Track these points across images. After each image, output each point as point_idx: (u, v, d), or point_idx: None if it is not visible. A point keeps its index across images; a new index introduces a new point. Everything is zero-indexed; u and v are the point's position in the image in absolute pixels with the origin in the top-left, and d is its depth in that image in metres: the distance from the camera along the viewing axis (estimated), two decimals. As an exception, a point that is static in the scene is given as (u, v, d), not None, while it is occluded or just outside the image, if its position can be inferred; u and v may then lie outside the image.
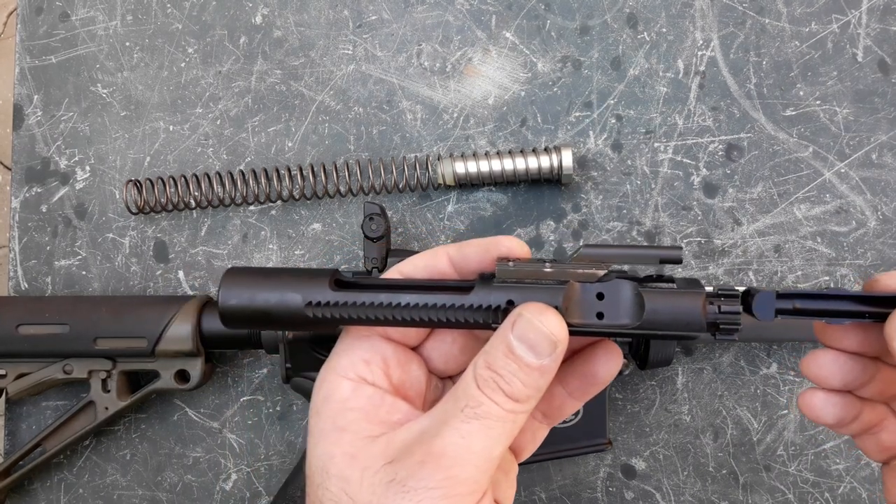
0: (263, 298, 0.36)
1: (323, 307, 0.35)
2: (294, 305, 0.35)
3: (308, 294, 0.35)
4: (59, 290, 0.68)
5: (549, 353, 0.33)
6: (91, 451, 0.67)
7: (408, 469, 0.32)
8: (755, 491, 0.64)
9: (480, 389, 0.33)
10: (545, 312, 0.33)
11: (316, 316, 0.35)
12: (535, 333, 0.32)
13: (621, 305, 0.34)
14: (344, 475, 0.33)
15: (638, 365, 0.59)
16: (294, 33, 0.69)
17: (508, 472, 0.40)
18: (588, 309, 0.34)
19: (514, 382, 0.33)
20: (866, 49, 0.65)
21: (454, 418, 0.33)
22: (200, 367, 0.61)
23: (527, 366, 0.32)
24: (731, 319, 0.34)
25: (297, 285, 0.36)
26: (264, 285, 0.36)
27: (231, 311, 0.36)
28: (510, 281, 0.35)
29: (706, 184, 0.65)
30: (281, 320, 0.36)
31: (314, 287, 0.35)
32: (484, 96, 0.67)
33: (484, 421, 0.32)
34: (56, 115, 0.69)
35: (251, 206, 0.67)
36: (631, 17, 0.67)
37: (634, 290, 0.34)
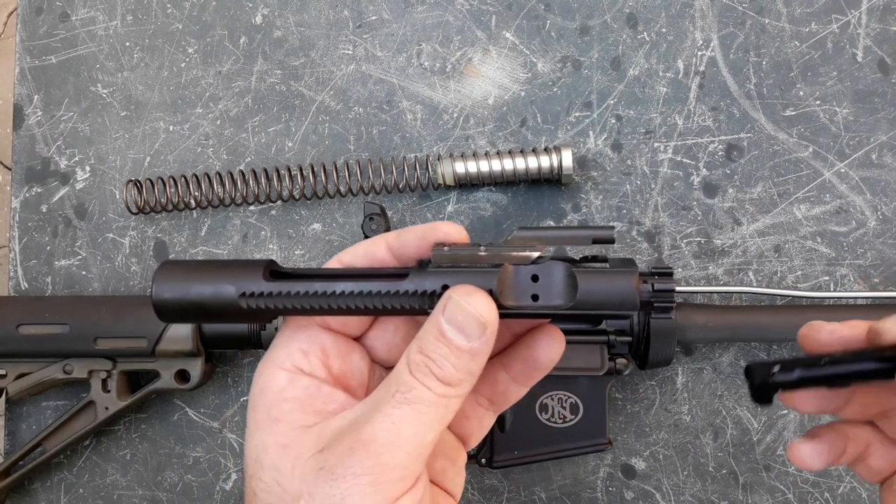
0: (197, 291, 0.35)
1: (257, 297, 0.35)
2: (228, 297, 0.35)
3: (242, 285, 0.35)
4: (60, 290, 0.68)
5: (479, 335, 0.32)
6: (91, 451, 0.67)
7: (337, 456, 0.32)
8: (755, 491, 0.64)
9: (412, 374, 0.32)
10: (474, 294, 0.32)
11: (250, 307, 0.35)
12: (463, 315, 0.32)
13: (555, 287, 0.34)
14: (276, 465, 0.33)
15: (638, 365, 0.59)
16: (294, 33, 0.69)
17: (455, 459, 0.39)
18: (523, 291, 0.34)
19: (446, 366, 0.32)
20: (866, 49, 0.65)
21: (385, 404, 0.32)
22: (200, 366, 0.61)
23: (457, 348, 0.32)
24: (665, 297, 0.33)
25: (230, 276, 0.35)
26: (198, 277, 0.35)
27: (165, 305, 0.35)
28: (445, 266, 0.35)
29: (706, 184, 0.65)
30: (216, 313, 0.35)
31: (248, 278, 0.35)
32: (484, 96, 0.67)
33: (415, 406, 0.32)
34: (56, 115, 0.69)
35: (251, 206, 0.67)
36: (631, 17, 0.67)
37: (567, 271, 0.34)
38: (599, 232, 0.35)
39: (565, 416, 0.59)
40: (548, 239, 0.35)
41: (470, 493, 0.65)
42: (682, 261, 0.65)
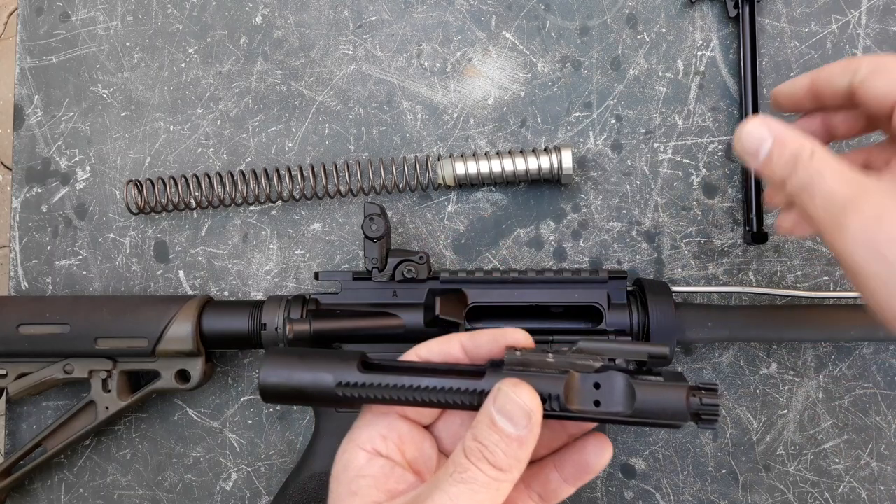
0: (298, 378, 0.41)
1: (351, 387, 0.40)
2: (326, 385, 0.40)
3: (338, 375, 0.40)
4: (60, 290, 0.68)
5: (525, 424, 0.36)
6: (91, 451, 0.67)
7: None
8: (755, 491, 0.64)
9: (467, 458, 0.37)
10: (520, 385, 0.37)
11: (345, 395, 0.40)
12: (511, 405, 0.37)
13: (615, 395, 0.38)
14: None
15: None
16: (294, 34, 0.69)
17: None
18: (586, 397, 0.38)
19: (497, 452, 0.36)
20: (866, 49, 0.65)
21: (443, 482, 0.36)
22: (201, 366, 0.61)
23: (507, 436, 0.36)
24: (711, 411, 0.38)
25: (328, 366, 0.40)
26: (300, 366, 0.41)
27: (270, 388, 0.41)
28: (517, 368, 0.39)
29: (706, 184, 0.65)
30: (314, 397, 0.40)
31: (344, 369, 0.40)
32: (484, 96, 0.67)
33: (470, 485, 0.36)
34: (56, 115, 0.69)
35: (251, 206, 0.67)
36: (631, 18, 0.67)
37: (627, 382, 0.38)
38: (656, 349, 0.39)
39: (565, 415, 0.59)
40: (608, 352, 0.39)
41: (470, 492, 0.65)
42: (681, 261, 0.65)
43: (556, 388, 0.38)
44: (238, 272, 0.67)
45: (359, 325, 0.57)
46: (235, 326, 0.60)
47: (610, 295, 0.57)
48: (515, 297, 0.58)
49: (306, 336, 0.56)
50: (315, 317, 0.57)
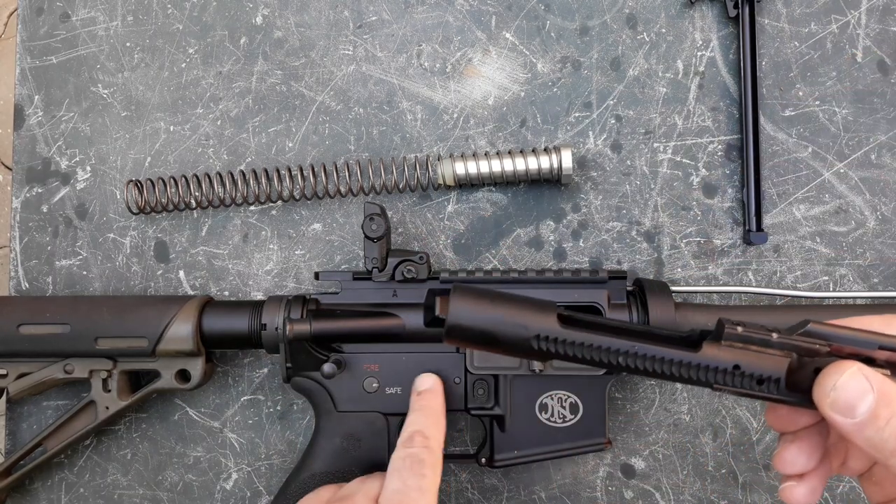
0: (493, 322, 0.38)
1: (550, 342, 0.38)
2: (522, 334, 0.38)
3: (537, 327, 0.38)
4: (60, 290, 0.68)
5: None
6: (92, 451, 0.67)
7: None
8: (754, 490, 0.64)
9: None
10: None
11: (541, 348, 0.38)
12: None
13: None
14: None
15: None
16: (294, 34, 0.69)
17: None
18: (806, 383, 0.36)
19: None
20: (866, 49, 0.65)
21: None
22: (201, 366, 0.61)
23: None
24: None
25: (526, 315, 0.38)
26: (496, 311, 0.38)
27: (459, 328, 0.38)
28: (737, 345, 0.36)
29: (706, 184, 0.65)
30: (506, 345, 0.38)
31: (542, 321, 0.38)
32: (484, 97, 0.67)
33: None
34: (57, 115, 0.69)
35: (251, 206, 0.67)
36: (630, 18, 0.67)
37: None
38: (889, 341, 0.35)
39: (565, 415, 0.59)
40: (837, 338, 0.36)
41: (470, 492, 0.65)
42: (681, 261, 0.65)
43: (779, 370, 0.36)
44: (238, 272, 0.67)
45: (359, 325, 0.57)
46: (236, 326, 0.60)
47: (610, 295, 0.57)
48: (516, 297, 0.58)
49: (306, 336, 0.56)
50: (315, 317, 0.57)
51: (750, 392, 0.37)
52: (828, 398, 0.32)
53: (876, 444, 0.31)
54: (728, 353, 0.36)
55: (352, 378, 0.58)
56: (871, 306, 0.62)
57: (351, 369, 0.58)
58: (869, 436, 0.31)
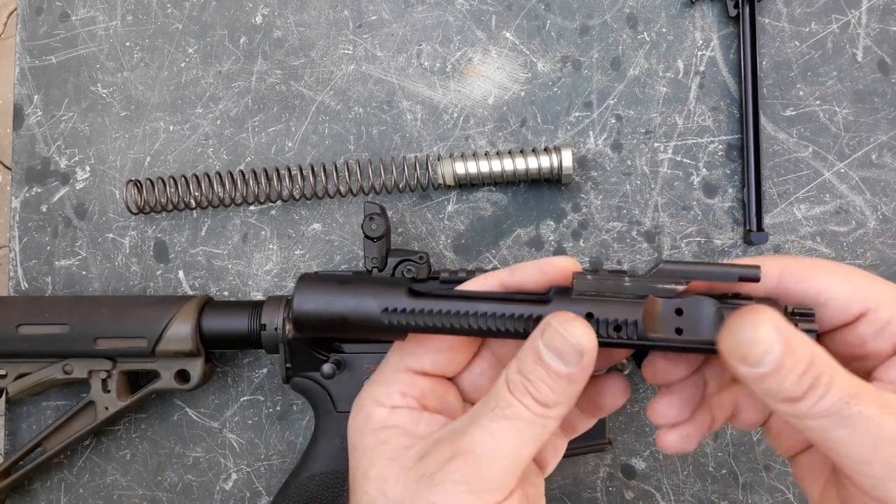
0: (341, 304, 0.36)
1: (399, 314, 0.36)
2: (370, 312, 0.36)
3: (385, 301, 0.36)
4: (60, 290, 0.68)
5: (577, 362, 0.33)
6: (91, 451, 0.67)
7: (436, 464, 0.33)
8: (755, 491, 0.64)
9: (511, 392, 0.34)
10: (573, 322, 0.33)
11: (391, 322, 0.36)
12: (562, 342, 0.33)
13: (701, 322, 0.35)
14: (382, 475, 0.35)
15: (638, 365, 0.59)
16: (294, 33, 0.69)
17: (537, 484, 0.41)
18: (668, 324, 0.35)
19: (542, 388, 0.33)
20: (866, 49, 0.65)
21: (484, 417, 0.34)
22: (200, 367, 0.61)
23: (555, 373, 0.33)
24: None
25: (373, 292, 0.37)
26: (341, 291, 0.37)
27: (307, 316, 0.37)
28: (589, 294, 0.35)
29: (706, 184, 0.65)
30: (356, 326, 0.37)
31: (391, 294, 0.36)
32: (484, 96, 0.67)
33: (513, 422, 0.33)
34: (56, 115, 0.69)
35: (251, 206, 0.67)
36: (631, 17, 0.67)
37: (715, 307, 0.35)
38: (745, 271, 0.35)
39: (565, 416, 0.59)
40: (692, 274, 0.35)
41: (470, 493, 0.65)
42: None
43: (635, 314, 0.35)
44: (238, 272, 0.67)
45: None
46: (235, 327, 0.60)
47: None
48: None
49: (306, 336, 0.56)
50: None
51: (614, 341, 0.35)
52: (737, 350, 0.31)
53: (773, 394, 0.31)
54: (580, 303, 0.35)
55: (351, 378, 0.58)
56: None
57: (351, 369, 0.58)
58: (768, 386, 0.31)
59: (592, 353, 0.33)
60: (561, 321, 0.33)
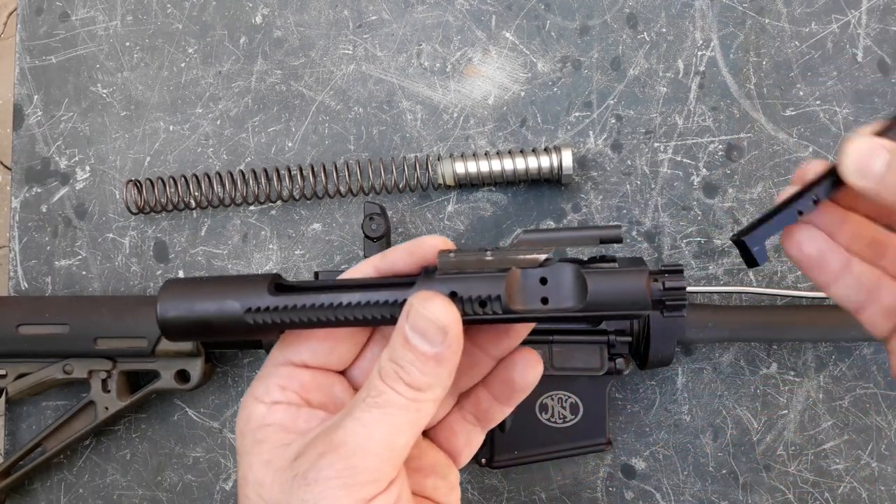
0: (202, 308, 0.35)
1: (262, 312, 0.35)
2: (233, 313, 0.35)
3: (246, 300, 0.35)
4: (60, 290, 0.68)
5: (441, 341, 0.33)
6: (91, 451, 0.67)
7: (309, 462, 0.33)
8: (755, 491, 0.64)
9: (382, 380, 0.33)
10: (432, 299, 0.33)
11: (256, 322, 0.35)
12: (423, 322, 0.33)
13: (564, 289, 0.34)
14: (259, 479, 0.34)
15: (638, 365, 0.59)
16: (294, 33, 0.69)
17: (447, 475, 0.40)
18: (532, 295, 0.34)
19: (413, 371, 0.33)
20: (866, 49, 0.65)
21: (356, 409, 0.33)
22: (200, 367, 0.61)
23: (423, 354, 0.33)
24: (677, 295, 0.34)
25: (234, 292, 0.35)
26: (202, 294, 0.35)
27: (171, 324, 0.35)
28: (452, 272, 0.34)
29: (706, 184, 0.65)
30: (222, 329, 0.35)
31: (252, 293, 0.35)
32: (484, 96, 0.67)
33: (385, 409, 0.33)
34: (56, 115, 0.69)
35: (251, 206, 0.67)
36: (631, 17, 0.67)
37: (576, 273, 0.34)
38: (606, 232, 0.34)
39: (565, 416, 0.59)
40: (553, 241, 0.35)
41: (470, 493, 0.65)
42: (682, 261, 0.65)
43: (497, 288, 0.34)
44: (238, 272, 0.67)
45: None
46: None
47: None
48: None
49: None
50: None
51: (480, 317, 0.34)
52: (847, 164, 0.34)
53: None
54: (443, 282, 0.34)
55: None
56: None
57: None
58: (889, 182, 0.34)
59: (457, 330, 0.33)
60: (421, 300, 0.33)
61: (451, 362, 0.33)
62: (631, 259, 0.35)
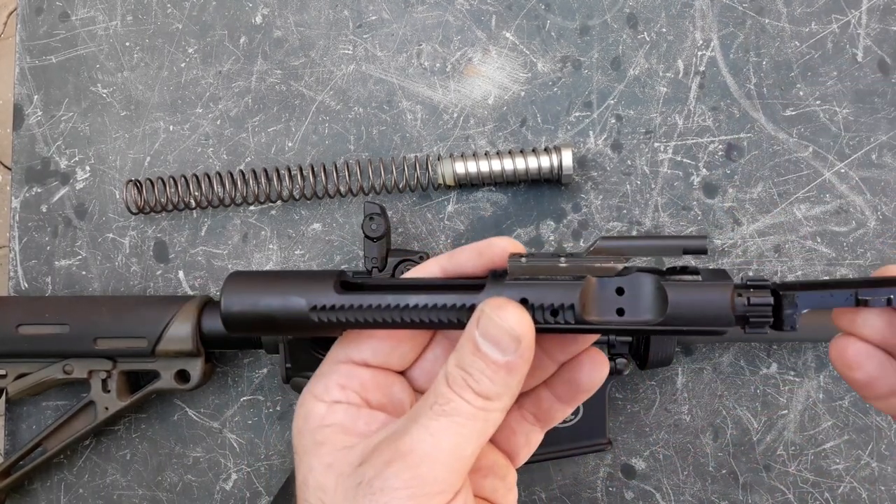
0: (267, 303, 0.34)
1: (328, 311, 0.34)
2: (298, 310, 0.34)
3: (313, 298, 0.34)
4: (60, 290, 0.68)
5: (514, 350, 0.32)
6: (91, 451, 0.67)
7: (375, 469, 0.32)
8: (755, 491, 0.64)
9: (450, 387, 0.32)
10: (505, 307, 0.32)
11: (321, 320, 0.34)
12: (496, 330, 0.31)
13: (642, 300, 0.32)
14: (321, 484, 0.33)
15: (638, 365, 0.59)
16: (294, 33, 0.69)
17: (505, 476, 0.39)
18: (607, 305, 0.33)
19: (483, 380, 0.32)
20: (866, 49, 0.65)
21: (423, 416, 0.32)
22: (200, 367, 0.61)
23: (493, 363, 0.32)
24: (762, 312, 0.32)
25: (301, 289, 0.34)
26: (268, 289, 0.35)
27: (235, 317, 0.35)
28: (523, 278, 0.33)
29: (706, 184, 0.65)
30: (286, 325, 0.35)
31: (319, 290, 0.34)
32: (484, 96, 0.67)
33: (453, 418, 0.32)
34: (56, 115, 0.69)
35: (251, 206, 0.67)
36: (631, 17, 0.67)
37: (656, 284, 0.32)
38: (691, 242, 0.33)
39: (565, 416, 0.59)
40: (633, 249, 0.33)
41: (470, 493, 0.65)
42: (682, 261, 0.65)
43: (571, 296, 0.32)
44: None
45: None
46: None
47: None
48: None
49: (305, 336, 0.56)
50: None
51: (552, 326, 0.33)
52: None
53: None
54: (513, 288, 0.33)
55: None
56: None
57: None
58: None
59: (530, 339, 0.32)
60: (494, 308, 0.32)
61: (522, 371, 0.32)
62: (714, 271, 0.33)
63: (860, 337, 0.35)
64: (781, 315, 0.33)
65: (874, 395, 0.35)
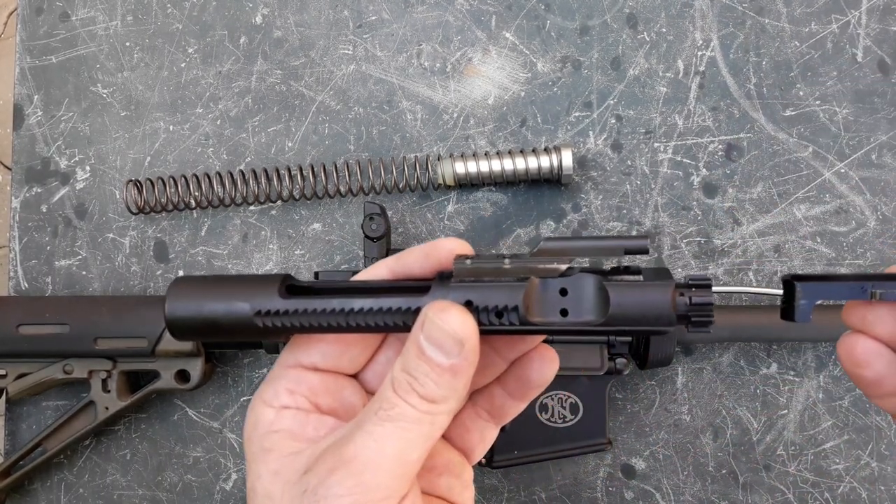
0: (211, 309, 0.34)
1: (272, 316, 0.34)
2: (242, 315, 0.34)
3: (257, 303, 0.34)
4: (60, 290, 0.68)
5: (458, 353, 0.31)
6: (91, 451, 0.67)
7: (319, 477, 0.32)
8: (755, 491, 0.64)
9: (395, 392, 0.32)
10: (449, 310, 0.31)
11: (266, 325, 0.34)
12: (439, 333, 0.31)
13: (585, 301, 0.32)
14: (268, 492, 0.33)
15: (638, 365, 0.59)
16: (294, 33, 0.69)
17: (461, 474, 0.39)
18: (551, 306, 0.33)
19: (427, 383, 0.32)
20: (866, 49, 0.65)
21: (368, 422, 0.32)
22: (200, 366, 0.61)
23: (438, 366, 0.31)
24: (704, 311, 0.32)
25: (245, 294, 0.34)
26: (212, 295, 0.34)
27: (179, 323, 0.34)
28: (468, 280, 0.33)
29: (706, 184, 0.65)
30: (230, 331, 0.34)
31: (263, 295, 0.34)
32: (484, 96, 0.67)
33: (398, 423, 0.31)
34: (56, 115, 0.69)
35: (251, 206, 0.67)
36: (631, 18, 0.67)
37: (598, 285, 0.32)
38: (632, 242, 0.33)
39: (565, 415, 0.59)
40: (576, 250, 0.33)
41: (470, 493, 0.65)
42: (681, 261, 0.65)
43: (514, 298, 0.32)
44: (238, 272, 0.67)
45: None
46: (235, 326, 0.59)
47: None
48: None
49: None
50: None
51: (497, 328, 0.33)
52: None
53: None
54: (458, 290, 0.32)
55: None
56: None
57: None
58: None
59: (474, 342, 0.32)
60: (437, 311, 0.31)
61: (468, 374, 0.32)
62: (656, 270, 0.33)
63: (870, 334, 0.34)
64: (794, 306, 0.33)
65: (880, 393, 0.35)
